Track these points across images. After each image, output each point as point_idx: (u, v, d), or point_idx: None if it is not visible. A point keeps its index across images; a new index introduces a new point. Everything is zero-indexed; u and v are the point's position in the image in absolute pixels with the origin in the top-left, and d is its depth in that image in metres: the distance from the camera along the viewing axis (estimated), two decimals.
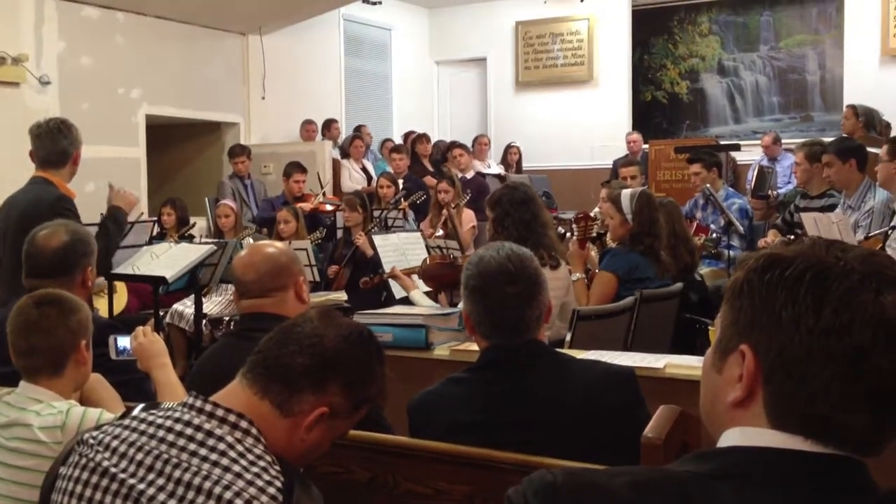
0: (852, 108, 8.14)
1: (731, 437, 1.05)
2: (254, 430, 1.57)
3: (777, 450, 1.00)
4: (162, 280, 4.83)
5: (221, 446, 1.53)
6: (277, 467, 1.55)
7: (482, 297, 2.19)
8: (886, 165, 4.39)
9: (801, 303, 0.98)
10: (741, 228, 6.13)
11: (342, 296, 5.71)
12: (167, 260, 4.91)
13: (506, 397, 2.14)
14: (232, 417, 1.57)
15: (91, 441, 1.60)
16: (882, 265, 1.00)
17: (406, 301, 4.44)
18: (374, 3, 11.64)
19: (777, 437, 1.01)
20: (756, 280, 1.03)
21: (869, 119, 8.03)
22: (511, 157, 11.26)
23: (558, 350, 2.49)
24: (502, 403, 2.13)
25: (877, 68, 10.27)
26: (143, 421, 1.61)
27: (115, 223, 4.30)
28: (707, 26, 11.78)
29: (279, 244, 2.86)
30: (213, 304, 6.30)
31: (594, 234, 4.65)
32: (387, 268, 4.96)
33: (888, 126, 8.35)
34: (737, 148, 9.42)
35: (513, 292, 2.17)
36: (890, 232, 4.17)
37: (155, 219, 7.42)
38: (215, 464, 1.51)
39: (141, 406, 1.72)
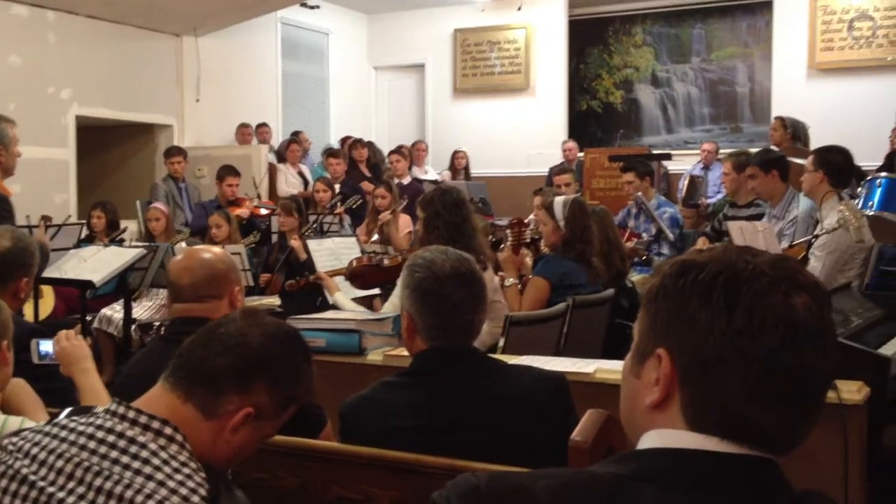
0: (780, 119, 8.35)
1: (650, 440, 1.07)
2: (178, 437, 1.54)
3: (692, 451, 1.02)
4: (89, 284, 4.73)
5: (144, 454, 1.50)
6: (203, 474, 1.53)
7: (437, 299, 2.18)
8: (812, 175, 4.50)
9: (714, 305, 1.01)
10: (671, 236, 6.24)
11: (275, 300, 5.65)
12: (95, 263, 4.81)
13: (439, 402, 2.14)
14: (155, 424, 1.54)
15: (10, 447, 1.56)
16: (790, 269, 1.04)
17: None
18: (312, 7, 11.57)
19: (693, 438, 1.03)
20: (670, 285, 1.06)
21: (796, 131, 8.24)
22: (458, 161, 11.27)
23: (491, 356, 2.50)
24: (436, 408, 2.14)
25: (804, 81, 10.55)
26: (64, 427, 1.57)
27: None
28: (641, 37, 11.98)
29: (217, 249, 2.78)
30: (144, 309, 6.19)
31: (528, 240, 4.68)
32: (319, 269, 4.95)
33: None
34: (668, 157, 9.60)
35: (468, 295, 2.19)
36: (813, 240, 4.28)
37: (84, 222, 7.27)
38: (137, 472, 1.48)
39: (67, 411, 1.69)
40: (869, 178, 4.83)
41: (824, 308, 1.03)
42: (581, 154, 10.75)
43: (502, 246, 5.04)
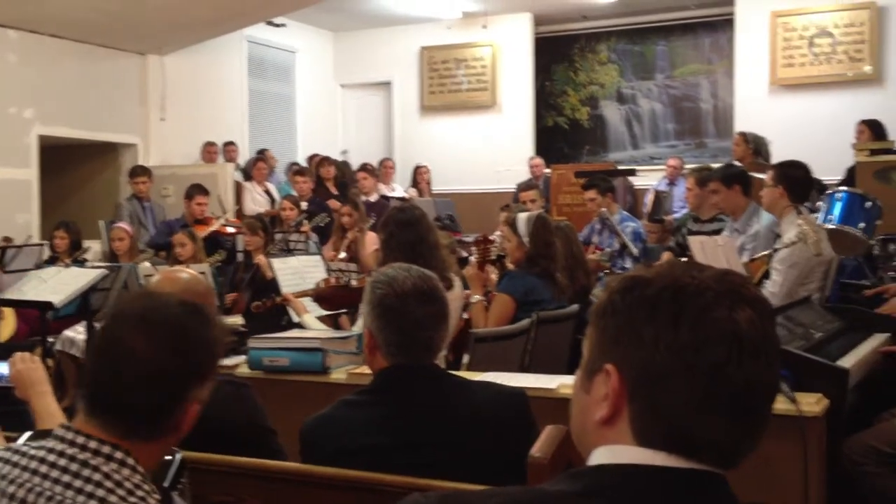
0: (742, 135, 8.44)
1: (600, 456, 1.07)
2: (129, 461, 1.51)
3: (641, 466, 1.02)
4: (49, 305, 4.66)
5: (97, 477, 1.48)
6: (158, 496, 1.51)
7: (398, 316, 2.17)
8: (771, 190, 4.54)
9: (660, 320, 1.02)
10: (635, 251, 6.28)
11: (239, 320, 5.61)
12: (56, 284, 4.75)
13: (400, 419, 2.13)
14: (106, 449, 1.51)
15: None
16: (735, 283, 1.05)
17: None
18: (279, 26, 11.57)
19: (641, 453, 1.03)
20: (619, 300, 1.07)
21: (758, 146, 8.34)
22: (421, 177, 11.26)
23: (452, 372, 2.50)
24: (396, 426, 2.13)
25: (765, 97, 10.68)
26: (16, 452, 1.55)
27: None
28: (606, 55, 12.09)
29: (193, 272, 2.87)
30: None
31: (493, 257, 4.69)
32: (285, 291, 4.92)
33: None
34: (633, 173, 9.67)
35: (429, 312, 2.18)
36: (773, 254, 4.32)
37: (46, 242, 7.19)
38: (90, 496, 1.46)
39: (26, 436, 1.66)
40: (829, 192, 4.89)
41: (767, 322, 1.04)
42: (548, 170, 10.80)
43: (470, 261, 5.04)
